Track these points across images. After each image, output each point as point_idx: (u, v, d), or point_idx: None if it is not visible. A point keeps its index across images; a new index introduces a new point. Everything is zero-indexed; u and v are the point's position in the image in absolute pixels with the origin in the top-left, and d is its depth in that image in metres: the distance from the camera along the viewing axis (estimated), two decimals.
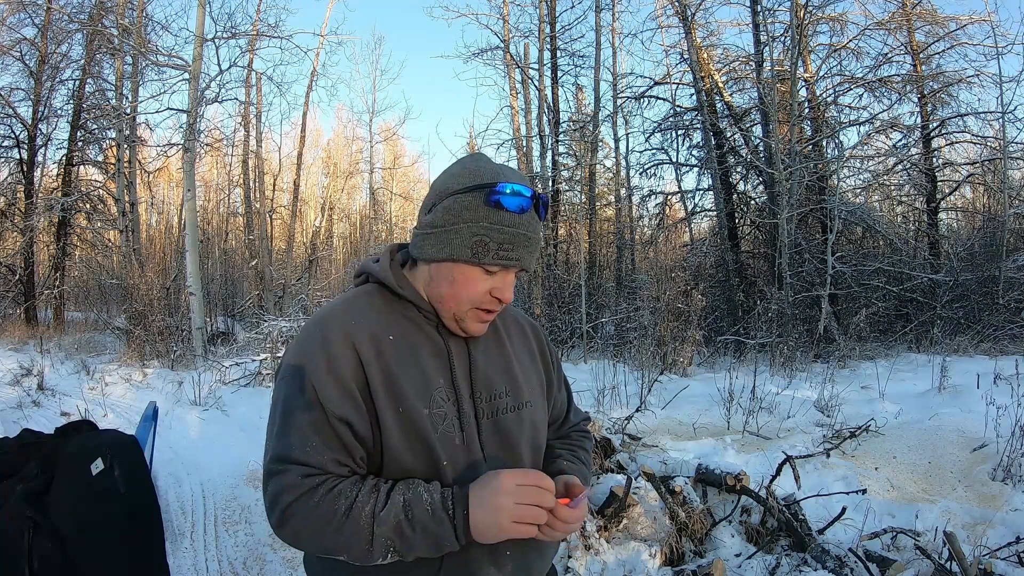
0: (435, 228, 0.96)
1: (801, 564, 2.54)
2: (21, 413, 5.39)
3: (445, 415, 0.95)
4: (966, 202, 11.95)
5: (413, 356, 0.97)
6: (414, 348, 0.98)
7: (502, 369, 1.05)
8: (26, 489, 1.63)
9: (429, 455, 0.93)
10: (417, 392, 0.94)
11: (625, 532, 2.71)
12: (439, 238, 0.96)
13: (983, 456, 3.63)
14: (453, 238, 0.95)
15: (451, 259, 0.95)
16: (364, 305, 1.00)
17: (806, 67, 9.78)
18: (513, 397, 1.04)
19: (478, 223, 0.94)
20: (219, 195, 18.67)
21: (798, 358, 6.97)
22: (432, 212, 0.97)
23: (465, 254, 0.94)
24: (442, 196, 0.96)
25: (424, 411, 0.93)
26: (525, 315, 1.23)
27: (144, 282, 8.93)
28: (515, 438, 1.02)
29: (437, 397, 0.96)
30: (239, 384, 6.66)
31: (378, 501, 0.87)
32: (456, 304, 0.98)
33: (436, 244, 0.96)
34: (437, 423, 0.94)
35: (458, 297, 0.97)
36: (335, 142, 21.27)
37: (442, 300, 0.98)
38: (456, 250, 0.95)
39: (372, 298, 1.02)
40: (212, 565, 2.95)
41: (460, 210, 0.94)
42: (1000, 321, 7.71)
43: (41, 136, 12.80)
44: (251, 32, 10.77)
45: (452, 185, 0.96)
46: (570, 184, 12.12)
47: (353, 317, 0.97)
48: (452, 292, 0.97)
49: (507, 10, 11.94)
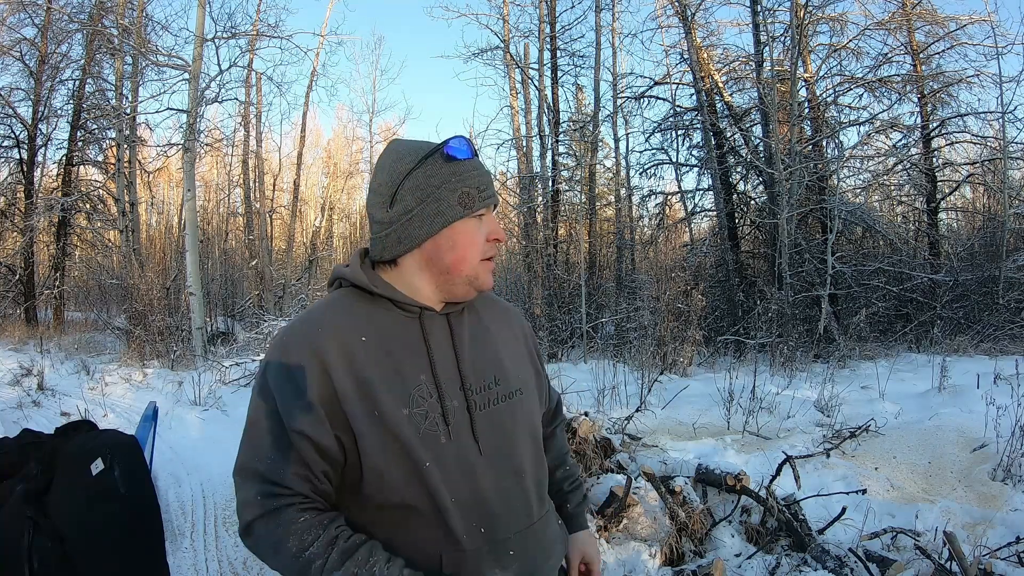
0: (410, 212, 0.96)
1: (801, 564, 2.54)
2: (21, 413, 5.39)
3: (427, 413, 0.92)
4: (966, 202, 11.94)
5: (389, 356, 0.94)
6: (390, 348, 0.95)
7: (490, 358, 1.02)
8: (26, 489, 1.62)
9: (407, 458, 0.90)
10: (394, 393, 0.91)
11: (625, 532, 2.71)
12: (422, 217, 0.96)
13: (983, 456, 3.63)
14: (438, 206, 0.95)
15: (446, 224, 0.96)
16: (335, 311, 0.97)
17: (806, 67, 9.77)
18: (504, 386, 1.01)
19: (452, 179, 0.96)
20: (219, 195, 18.65)
21: (798, 358, 6.97)
22: (395, 203, 0.96)
23: (457, 212, 0.96)
24: (396, 183, 0.96)
25: (403, 411, 0.91)
26: (500, 297, 1.19)
27: (144, 282, 8.93)
28: (511, 429, 1.00)
29: (417, 395, 0.92)
30: (239, 384, 6.66)
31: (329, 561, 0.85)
32: (467, 265, 0.98)
33: (422, 223, 0.96)
34: (419, 422, 0.91)
35: (466, 257, 0.97)
36: (335, 142, 21.29)
37: (451, 270, 0.97)
38: (447, 213, 0.96)
39: (345, 301, 0.99)
40: (212, 565, 2.95)
41: (428, 180, 0.96)
42: (1000, 321, 7.71)
43: (41, 136, 12.79)
44: (251, 32, 10.77)
45: (400, 169, 0.97)
46: (570, 184, 12.10)
47: (320, 326, 0.94)
48: (459, 255, 0.97)
49: (507, 10, 11.93)
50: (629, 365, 6.55)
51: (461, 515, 0.91)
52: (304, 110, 13.73)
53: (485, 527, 0.93)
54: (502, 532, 0.95)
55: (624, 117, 12.12)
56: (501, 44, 11.79)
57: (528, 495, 1.00)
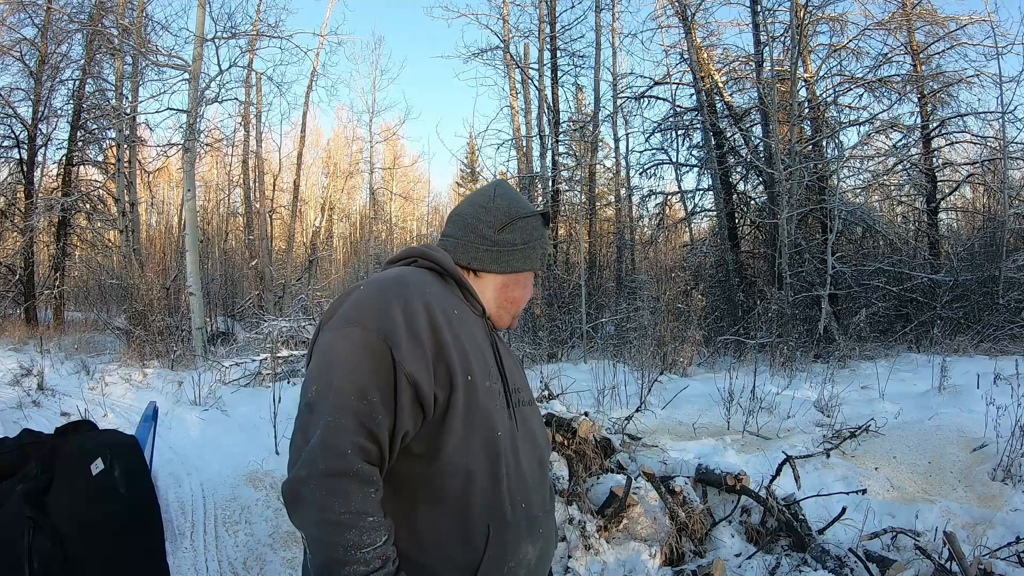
0: (515, 245, 1.15)
1: (801, 564, 2.54)
2: (21, 413, 5.38)
3: (499, 391, 1.04)
4: (966, 202, 11.94)
5: (473, 334, 1.04)
6: (472, 328, 1.06)
7: (517, 369, 1.17)
8: (26, 489, 1.62)
9: (486, 423, 0.98)
10: (480, 365, 1.01)
11: (625, 532, 2.71)
12: (523, 253, 1.17)
13: (983, 456, 3.63)
14: (532, 252, 1.18)
15: (530, 269, 1.18)
16: (431, 280, 1.06)
17: (806, 67, 9.77)
18: (527, 393, 1.16)
19: (543, 240, 1.20)
20: (219, 195, 18.66)
21: (798, 358, 6.96)
22: (506, 231, 1.15)
23: (537, 264, 1.19)
24: (511, 219, 1.15)
25: (486, 383, 1.01)
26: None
27: (144, 282, 8.93)
28: (534, 428, 1.13)
29: (493, 373, 1.04)
30: (239, 384, 6.66)
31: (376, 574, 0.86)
32: (519, 304, 1.19)
33: (521, 258, 1.16)
34: (495, 396, 1.02)
35: (523, 298, 1.20)
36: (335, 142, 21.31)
37: (513, 302, 1.18)
38: (535, 262, 1.19)
39: (433, 277, 1.08)
40: (212, 565, 2.95)
41: (534, 232, 1.18)
42: (1000, 321, 7.71)
43: (41, 136, 12.78)
44: (251, 32, 10.76)
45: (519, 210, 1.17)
46: (570, 184, 12.11)
47: (426, 286, 1.02)
48: (522, 294, 1.19)
49: (507, 10, 11.93)
50: (629, 365, 6.55)
51: (511, 487, 1.01)
52: (304, 110, 13.74)
53: (526, 503, 1.04)
54: (535, 510, 1.06)
55: (624, 117, 12.14)
56: (501, 44, 11.80)
57: (548, 485, 1.14)
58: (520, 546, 1.00)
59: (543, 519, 1.08)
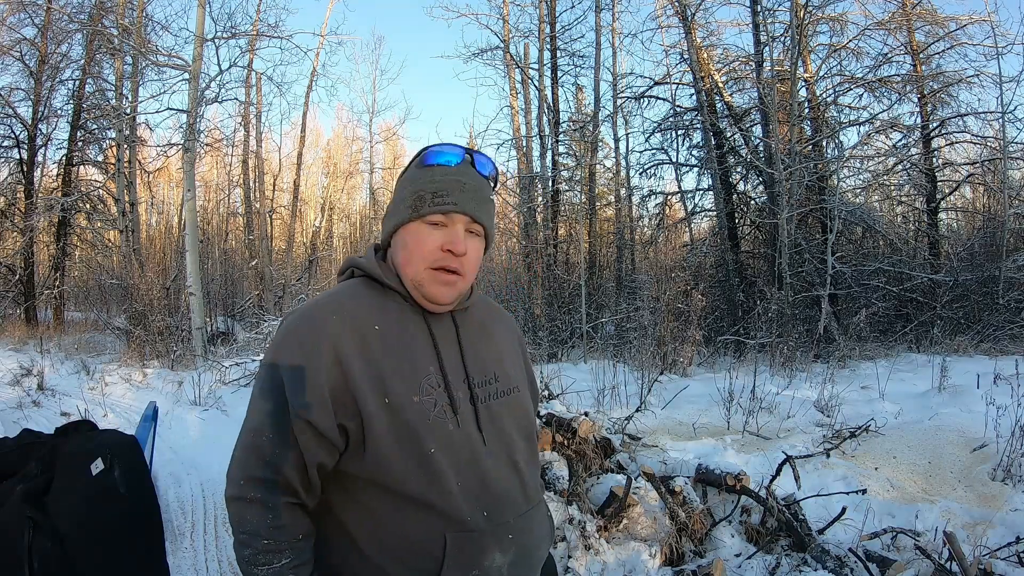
0: (388, 208, 1.06)
1: (801, 564, 2.54)
2: (21, 413, 5.38)
3: (436, 402, 0.96)
4: (966, 202, 11.93)
5: (401, 345, 0.98)
6: (402, 337, 0.99)
7: (492, 356, 1.08)
8: (26, 489, 1.63)
9: (415, 444, 0.93)
10: (405, 381, 0.95)
11: (625, 532, 2.71)
12: (390, 213, 1.05)
13: (983, 456, 3.63)
14: (399, 205, 1.02)
15: (400, 224, 1.02)
16: (348, 298, 1.01)
17: (806, 67, 9.77)
18: (503, 382, 1.07)
19: (414, 183, 1.02)
20: (219, 195, 18.63)
21: (798, 358, 6.96)
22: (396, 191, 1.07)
23: (407, 213, 1.00)
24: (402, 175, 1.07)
25: (414, 399, 0.94)
26: (504, 310, 1.27)
27: (144, 282, 8.93)
28: (506, 423, 1.04)
29: (426, 384, 0.96)
30: (239, 384, 6.65)
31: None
32: (412, 268, 1.00)
33: (388, 219, 1.05)
34: (428, 410, 0.95)
35: (412, 260, 1.00)
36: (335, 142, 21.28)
37: (401, 269, 1.02)
38: (401, 214, 1.01)
39: (357, 290, 1.03)
40: (212, 565, 2.95)
41: (402, 182, 1.05)
42: (1000, 321, 7.71)
43: (41, 136, 12.78)
44: (251, 32, 10.76)
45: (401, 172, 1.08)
46: (570, 184, 12.10)
47: (335, 313, 0.97)
48: (406, 256, 1.01)
49: (507, 10, 11.93)
50: (629, 365, 6.55)
51: (466, 499, 0.95)
52: (304, 110, 13.77)
53: (488, 511, 0.97)
54: (503, 516, 0.98)
55: (624, 117, 12.12)
56: (501, 44, 11.79)
57: (523, 485, 1.04)
58: (484, 554, 0.95)
59: (516, 523, 1.00)
